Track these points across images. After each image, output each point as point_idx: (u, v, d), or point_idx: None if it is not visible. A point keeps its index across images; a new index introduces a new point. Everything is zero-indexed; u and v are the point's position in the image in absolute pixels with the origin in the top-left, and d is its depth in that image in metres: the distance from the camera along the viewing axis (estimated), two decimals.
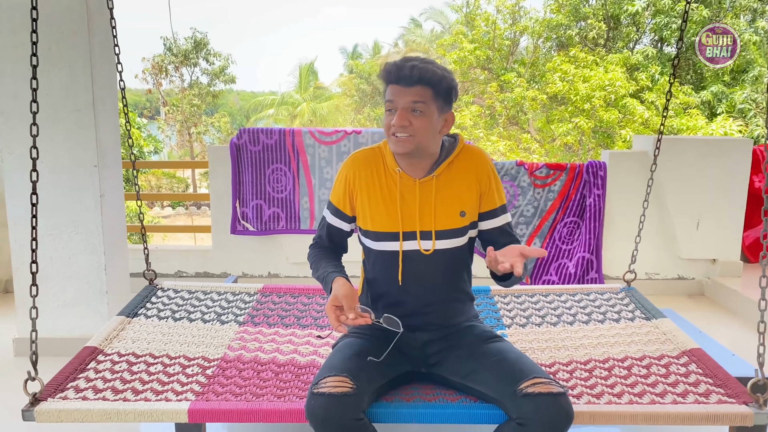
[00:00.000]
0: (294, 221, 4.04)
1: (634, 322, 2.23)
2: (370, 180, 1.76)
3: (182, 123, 19.97)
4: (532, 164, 4.02)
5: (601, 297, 2.48)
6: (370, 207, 1.75)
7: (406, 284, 1.74)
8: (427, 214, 1.72)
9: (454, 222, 1.73)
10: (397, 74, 1.61)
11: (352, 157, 1.81)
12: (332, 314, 1.59)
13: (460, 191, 1.74)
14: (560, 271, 4.07)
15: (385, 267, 1.76)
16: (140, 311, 2.29)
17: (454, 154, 1.75)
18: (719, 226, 4.03)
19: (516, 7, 14.87)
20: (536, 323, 2.26)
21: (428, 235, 1.72)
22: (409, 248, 1.73)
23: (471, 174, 1.75)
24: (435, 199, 1.72)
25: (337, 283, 1.65)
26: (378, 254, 1.77)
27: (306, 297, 2.48)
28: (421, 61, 1.61)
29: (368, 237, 1.77)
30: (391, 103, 1.63)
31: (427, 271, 1.74)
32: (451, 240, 1.73)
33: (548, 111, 12.54)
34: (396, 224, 1.73)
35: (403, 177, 1.73)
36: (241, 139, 3.96)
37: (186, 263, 4.19)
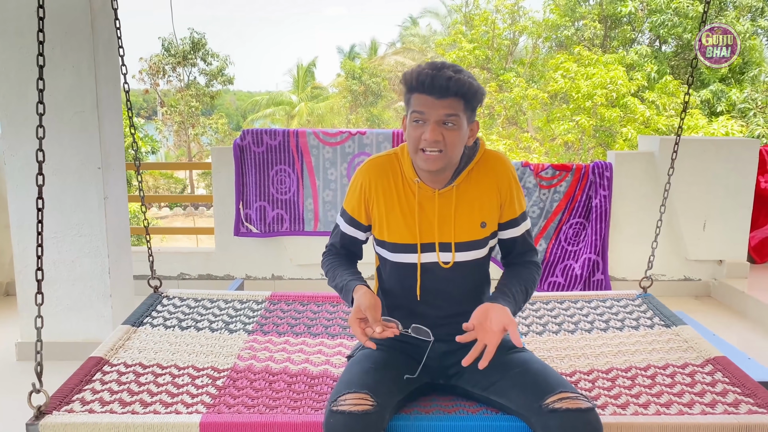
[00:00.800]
0: (298, 223, 3.99)
1: (654, 329, 2.18)
2: (387, 189, 1.69)
3: (180, 124, 19.89)
4: (537, 165, 3.97)
5: (617, 304, 2.43)
6: (387, 217, 1.68)
7: (425, 297, 1.69)
8: (447, 225, 1.65)
9: (475, 233, 1.67)
10: (431, 84, 1.48)
11: (368, 164, 1.73)
12: (358, 328, 1.53)
13: (480, 201, 1.67)
14: (566, 272, 4.03)
15: (402, 279, 1.70)
16: (146, 320, 2.23)
17: (475, 161, 1.68)
18: (726, 227, 3.99)
19: (515, 7, 14.85)
20: (553, 331, 2.21)
21: (447, 247, 1.66)
22: (427, 260, 1.67)
23: (492, 183, 1.68)
24: (455, 210, 1.66)
25: (358, 293, 1.58)
26: (394, 265, 1.71)
27: (315, 305, 2.43)
28: (454, 70, 1.49)
29: (384, 248, 1.71)
30: (420, 115, 1.52)
31: (447, 284, 1.69)
32: (471, 252, 1.67)
33: (549, 110, 12.50)
34: (414, 236, 1.66)
35: (422, 187, 1.66)
36: (245, 140, 3.91)
37: (188, 265, 4.13)
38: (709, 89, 12.16)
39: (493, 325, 1.49)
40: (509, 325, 1.48)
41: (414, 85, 1.52)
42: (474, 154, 1.68)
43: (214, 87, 20.69)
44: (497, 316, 1.50)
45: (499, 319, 1.49)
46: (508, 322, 1.49)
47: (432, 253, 1.66)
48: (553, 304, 2.44)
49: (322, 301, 2.45)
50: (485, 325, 1.51)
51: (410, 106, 1.55)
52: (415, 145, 1.56)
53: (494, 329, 1.49)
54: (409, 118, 1.56)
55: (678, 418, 1.58)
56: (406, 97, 1.57)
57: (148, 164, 11.90)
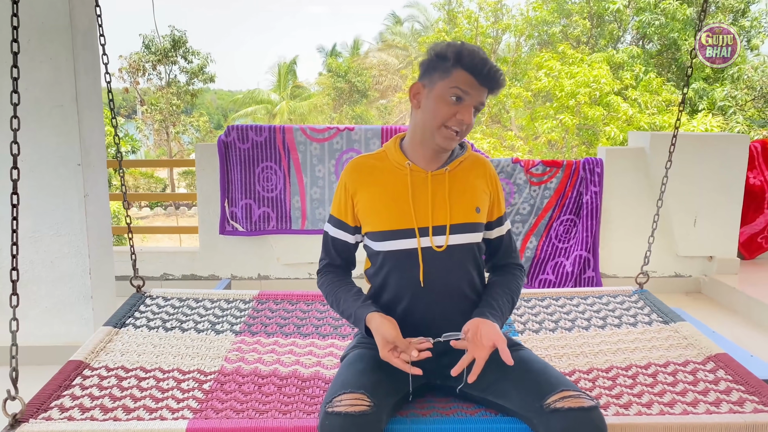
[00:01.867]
0: (285, 221, 3.90)
1: (652, 326, 2.14)
2: (372, 180, 1.65)
3: (160, 122, 19.63)
4: (528, 161, 3.93)
5: (614, 300, 2.38)
6: (374, 206, 1.63)
7: (424, 285, 1.63)
8: (441, 207, 1.62)
9: (470, 216, 1.63)
10: (484, 70, 1.50)
11: (351, 163, 1.70)
12: (396, 360, 1.48)
13: (473, 188, 1.66)
14: (557, 269, 3.99)
15: (397, 269, 1.64)
16: (128, 321, 2.14)
17: (465, 156, 1.69)
18: (716, 223, 3.98)
19: (498, 5, 14.86)
20: (550, 328, 2.16)
21: (441, 230, 1.61)
22: (421, 246, 1.61)
23: (482, 176, 1.69)
24: (449, 191, 1.62)
25: (374, 324, 1.53)
26: (387, 256, 1.63)
27: (305, 303, 2.35)
28: (492, 63, 1.53)
29: (375, 239, 1.64)
30: (463, 93, 1.51)
31: (441, 270, 1.62)
32: (466, 235, 1.63)
33: (532, 108, 12.52)
34: (408, 219, 1.61)
35: (414, 169, 1.63)
36: (230, 137, 3.81)
37: (172, 266, 4.03)
38: (691, 88, 12.26)
39: (483, 339, 1.48)
40: (498, 342, 1.46)
41: (465, 63, 1.50)
42: (463, 151, 1.71)
43: (195, 85, 20.45)
44: (487, 332, 1.48)
45: (489, 335, 1.48)
46: (498, 339, 1.47)
47: (425, 237, 1.61)
48: (549, 301, 2.39)
49: (311, 300, 2.37)
50: (475, 339, 1.49)
51: (448, 80, 1.52)
52: (442, 120, 1.54)
53: (484, 344, 1.47)
54: (447, 92, 1.52)
55: (683, 417, 1.53)
56: (443, 68, 1.53)
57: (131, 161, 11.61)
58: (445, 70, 1.52)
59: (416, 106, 1.59)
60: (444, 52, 1.53)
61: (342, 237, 1.70)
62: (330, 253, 1.73)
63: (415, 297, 1.63)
